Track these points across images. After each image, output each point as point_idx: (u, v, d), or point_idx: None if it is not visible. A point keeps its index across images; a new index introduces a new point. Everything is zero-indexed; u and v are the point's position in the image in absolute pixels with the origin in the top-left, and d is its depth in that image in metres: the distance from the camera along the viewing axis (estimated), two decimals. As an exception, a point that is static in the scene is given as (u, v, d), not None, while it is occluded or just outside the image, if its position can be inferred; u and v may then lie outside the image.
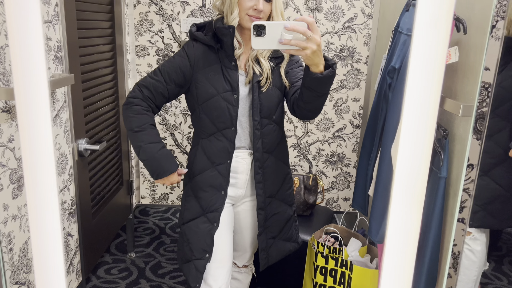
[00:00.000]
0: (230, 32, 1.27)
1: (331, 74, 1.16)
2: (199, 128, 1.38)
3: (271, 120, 1.37)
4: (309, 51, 1.09)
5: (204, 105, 1.33)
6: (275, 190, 1.45)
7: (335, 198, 2.68)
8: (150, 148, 1.32)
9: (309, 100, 1.25)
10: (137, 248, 2.63)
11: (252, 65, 1.33)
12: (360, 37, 2.42)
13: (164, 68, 1.34)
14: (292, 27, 1.07)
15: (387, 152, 1.45)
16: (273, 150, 1.41)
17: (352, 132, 2.55)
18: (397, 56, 1.45)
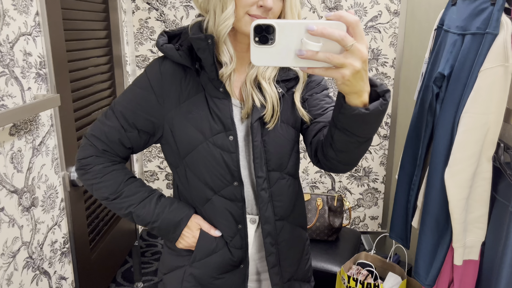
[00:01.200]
0: (208, 44, 0.83)
1: (382, 109, 0.70)
2: (189, 196, 0.96)
3: (283, 173, 0.95)
4: (348, 72, 0.62)
5: (189, 158, 0.91)
6: (293, 270, 1.03)
7: (362, 217, 2.42)
8: (144, 207, 0.94)
9: (343, 148, 0.80)
10: (145, 277, 2.40)
11: (252, 92, 0.90)
12: (386, 38, 2.16)
13: (120, 107, 0.91)
14: (322, 31, 0.60)
15: (437, 177, 1.18)
16: (288, 215, 0.98)
17: (379, 143, 2.28)
18: (446, 61, 1.19)
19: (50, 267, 1.42)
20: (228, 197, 0.92)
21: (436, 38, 1.32)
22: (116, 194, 0.92)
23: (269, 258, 0.96)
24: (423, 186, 1.28)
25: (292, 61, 0.64)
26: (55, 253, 1.45)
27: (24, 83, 1.23)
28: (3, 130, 1.14)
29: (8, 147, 1.17)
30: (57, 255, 1.46)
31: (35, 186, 1.31)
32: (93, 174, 0.92)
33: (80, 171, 0.94)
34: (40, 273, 1.35)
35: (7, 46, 1.16)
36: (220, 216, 0.94)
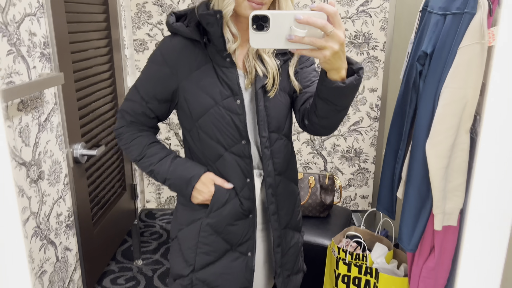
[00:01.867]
0: (217, 19, 0.95)
1: (356, 83, 0.87)
2: (201, 151, 1.08)
3: (281, 134, 1.09)
4: (328, 52, 0.79)
5: (201, 120, 1.03)
6: (288, 219, 1.18)
7: (353, 196, 2.51)
8: (162, 166, 1.08)
9: (325, 115, 0.97)
10: (144, 255, 2.49)
11: (254, 64, 1.03)
12: (376, 22, 2.23)
13: (140, 84, 1.06)
14: (307, 20, 0.76)
15: (419, 149, 1.27)
16: (284, 170, 1.13)
17: (370, 125, 2.37)
18: (429, 40, 1.27)
19: (56, 238, 1.50)
20: (237, 153, 1.06)
21: (421, 20, 1.39)
22: (141, 155, 1.09)
23: (271, 207, 1.11)
24: (407, 159, 1.37)
25: (284, 44, 0.80)
26: (61, 225, 1.53)
27: (29, 61, 1.30)
28: (12, 105, 1.21)
29: (16, 121, 1.24)
30: (62, 227, 1.54)
31: (41, 160, 1.38)
32: (124, 140, 1.10)
33: (117, 139, 1.13)
34: (47, 242, 1.43)
35: (14, 25, 1.22)
36: (231, 170, 1.07)
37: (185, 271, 1.13)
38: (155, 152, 1.09)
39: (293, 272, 1.24)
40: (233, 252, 1.12)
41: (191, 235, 1.12)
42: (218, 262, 1.12)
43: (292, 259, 1.21)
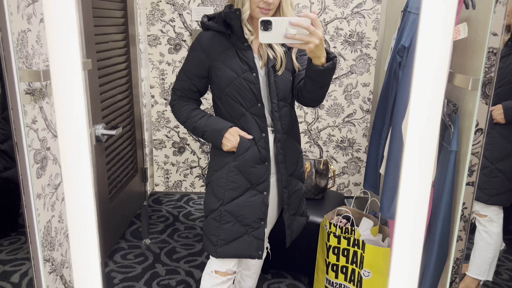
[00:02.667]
0: (237, 15, 1.33)
1: (332, 67, 1.25)
2: (228, 113, 1.44)
3: (286, 103, 1.45)
4: (312, 45, 1.17)
5: (227, 89, 1.40)
6: (293, 169, 1.52)
7: (346, 183, 2.71)
8: (201, 122, 1.43)
9: (311, 90, 1.34)
10: (152, 235, 2.69)
11: (266, 50, 1.39)
12: (369, 22, 2.43)
13: (185, 67, 1.45)
14: (296, 23, 1.16)
15: (397, 130, 1.47)
16: (290, 131, 1.48)
17: (362, 117, 2.57)
18: (407, 35, 1.47)
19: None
20: (255, 113, 1.41)
21: (402, 18, 1.60)
22: (187, 117, 1.47)
23: (279, 157, 1.46)
24: (388, 138, 1.57)
25: (282, 39, 1.21)
26: (84, 195, 1.74)
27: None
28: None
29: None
30: (85, 196, 1.75)
31: (70, 135, 1.59)
32: (176, 109, 1.50)
33: (171, 108, 1.52)
34: (73, 207, 1.64)
35: (53, 17, 1.43)
36: (251, 125, 1.42)
37: (215, 205, 1.46)
38: (196, 114, 1.46)
39: (298, 213, 1.58)
40: (252, 190, 1.46)
41: (221, 176, 1.46)
42: (241, 197, 1.45)
43: (296, 201, 1.57)
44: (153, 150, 2.74)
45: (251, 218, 1.46)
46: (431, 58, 0.32)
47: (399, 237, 0.38)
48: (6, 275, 1.48)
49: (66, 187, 0.37)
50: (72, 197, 0.37)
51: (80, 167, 0.36)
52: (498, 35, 1.11)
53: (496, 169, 1.41)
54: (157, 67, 2.56)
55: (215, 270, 1.51)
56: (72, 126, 0.35)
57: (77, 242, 0.37)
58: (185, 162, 2.75)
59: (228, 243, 1.47)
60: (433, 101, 0.33)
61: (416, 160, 0.35)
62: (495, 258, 1.51)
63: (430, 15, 0.31)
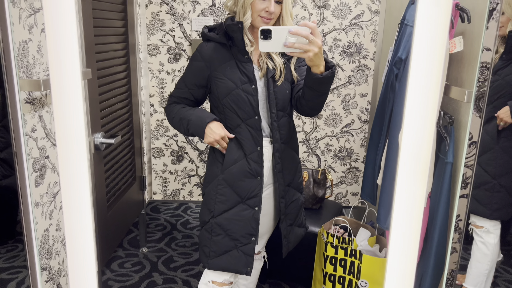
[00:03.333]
0: (239, 27, 1.34)
1: (330, 75, 1.25)
2: (224, 123, 1.45)
3: (285, 113, 1.46)
4: (311, 53, 1.18)
5: (225, 100, 1.40)
6: (291, 178, 1.53)
7: (344, 193, 2.72)
8: (187, 112, 1.45)
9: (310, 98, 1.35)
10: (149, 243, 2.68)
11: (265, 60, 1.41)
12: (367, 34, 2.46)
13: (185, 76, 1.47)
14: (296, 32, 1.17)
15: (394, 141, 1.48)
16: (288, 140, 1.49)
17: (360, 127, 2.59)
18: (403, 48, 1.49)
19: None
20: (251, 125, 1.42)
21: (399, 31, 1.62)
22: (175, 114, 1.48)
23: (277, 166, 1.47)
24: (385, 150, 1.58)
25: (281, 48, 1.21)
26: (82, 203, 1.74)
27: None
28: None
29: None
30: (83, 205, 1.75)
31: (69, 144, 1.59)
32: (168, 109, 1.52)
33: (165, 111, 1.54)
34: (71, 216, 1.64)
35: (54, 27, 1.45)
36: (245, 137, 1.42)
37: (207, 217, 1.48)
38: (183, 109, 1.48)
39: (296, 224, 1.58)
40: (243, 204, 1.45)
41: (212, 189, 1.47)
42: (231, 211, 1.45)
43: (294, 212, 1.56)
44: (152, 158, 2.75)
45: (240, 233, 1.45)
46: (425, 70, 0.32)
47: (394, 248, 0.39)
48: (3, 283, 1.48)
49: (64, 195, 0.37)
50: (70, 206, 0.37)
51: (79, 175, 0.36)
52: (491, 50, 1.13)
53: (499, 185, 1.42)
54: (156, 76, 2.58)
55: (212, 280, 1.51)
56: (72, 135, 0.36)
57: (74, 250, 0.38)
58: (183, 171, 2.76)
59: (218, 255, 1.47)
60: (427, 112, 0.34)
61: (411, 171, 0.35)
62: (492, 269, 1.51)
63: (424, 27, 0.33)
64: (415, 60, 0.32)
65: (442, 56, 0.33)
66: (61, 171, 0.36)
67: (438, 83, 0.34)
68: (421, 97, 0.33)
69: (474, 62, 1.26)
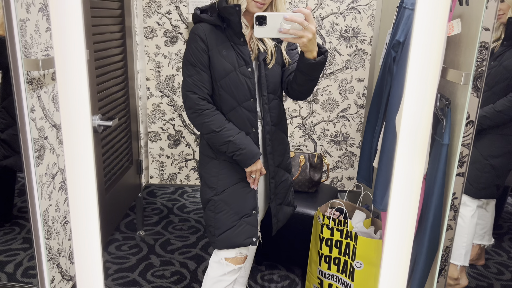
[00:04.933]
0: (236, 10, 1.33)
1: (323, 61, 1.29)
2: (219, 105, 1.44)
3: (276, 96, 1.48)
4: (305, 39, 1.21)
5: (222, 81, 1.40)
6: (280, 160, 1.56)
7: (340, 177, 2.74)
8: (239, 138, 1.40)
9: (302, 83, 1.37)
10: (146, 227, 2.70)
11: (257, 43, 1.41)
12: (365, 18, 2.46)
13: (192, 59, 1.39)
14: (290, 18, 1.19)
15: (391, 123, 1.50)
16: (278, 123, 1.51)
17: (356, 112, 2.60)
18: (401, 30, 1.50)
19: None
20: (247, 108, 1.42)
21: (397, 14, 1.62)
22: (221, 128, 1.40)
23: (268, 148, 1.50)
24: (382, 132, 1.60)
25: (276, 34, 1.24)
26: (80, 185, 1.75)
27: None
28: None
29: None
30: (81, 187, 1.76)
31: (67, 125, 1.59)
32: (205, 115, 1.39)
33: (194, 115, 1.40)
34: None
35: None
36: (242, 119, 1.43)
37: (209, 195, 1.49)
38: (232, 127, 1.41)
39: (285, 203, 1.63)
40: (243, 181, 1.50)
41: (214, 166, 1.49)
42: (233, 187, 1.49)
43: (283, 191, 1.61)
44: (148, 142, 2.75)
45: (243, 207, 1.50)
46: (424, 53, 0.33)
47: (391, 228, 0.40)
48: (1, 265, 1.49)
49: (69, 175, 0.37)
50: (75, 185, 0.37)
51: (84, 154, 0.36)
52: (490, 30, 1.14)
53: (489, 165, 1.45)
54: (153, 59, 2.57)
55: (225, 257, 1.51)
56: (77, 115, 0.36)
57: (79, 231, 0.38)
58: (180, 155, 2.77)
59: (224, 231, 1.49)
60: (426, 95, 0.35)
61: (409, 153, 0.36)
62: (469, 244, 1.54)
63: (425, 10, 0.33)
64: (415, 42, 0.33)
65: (442, 38, 0.34)
66: (66, 150, 0.36)
67: (437, 66, 0.35)
68: (420, 79, 0.34)
69: (472, 44, 1.27)
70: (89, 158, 0.37)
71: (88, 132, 0.36)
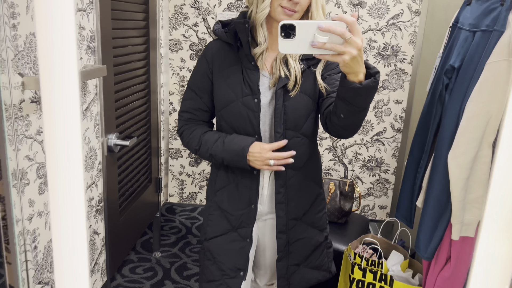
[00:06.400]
0: (245, 27, 1.09)
1: (373, 85, 0.94)
2: None
3: (298, 133, 1.18)
4: (347, 57, 0.88)
5: (223, 111, 1.19)
6: (300, 212, 1.26)
7: (371, 206, 2.54)
8: (216, 147, 1.19)
9: (344, 115, 1.03)
10: (163, 247, 2.57)
11: (280, 66, 1.15)
12: (406, 35, 2.26)
13: (192, 82, 1.24)
14: (328, 28, 0.87)
15: (441, 160, 1.30)
16: (300, 167, 1.22)
17: (393, 136, 2.40)
18: (457, 54, 1.31)
19: (87, 220, 1.58)
20: None
21: (450, 35, 1.43)
22: (199, 144, 1.22)
23: (277, 196, 1.22)
24: (429, 169, 1.40)
25: (308, 49, 0.91)
26: (92, 209, 1.62)
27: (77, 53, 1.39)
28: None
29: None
30: (92, 211, 1.63)
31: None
32: (185, 137, 1.26)
33: (180, 138, 1.28)
34: (79, 224, 1.52)
35: (67, 19, 1.32)
36: None
37: (202, 237, 1.34)
38: (208, 138, 1.21)
39: (305, 265, 1.32)
40: (233, 232, 1.27)
41: (205, 209, 1.33)
42: (221, 237, 1.28)
43: (301, 251, 1.29)
44: (169, 159, 2.62)
45: (228, 264, 1.27)
46: None
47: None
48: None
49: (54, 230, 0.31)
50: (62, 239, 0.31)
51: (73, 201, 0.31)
52: None
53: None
54: (177, 73, 2.44)
55: None
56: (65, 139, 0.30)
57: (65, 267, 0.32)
58: (201, 174, 2.62)
59: (206, 282, 1.31)
60: None
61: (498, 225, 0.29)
62: None
63: None
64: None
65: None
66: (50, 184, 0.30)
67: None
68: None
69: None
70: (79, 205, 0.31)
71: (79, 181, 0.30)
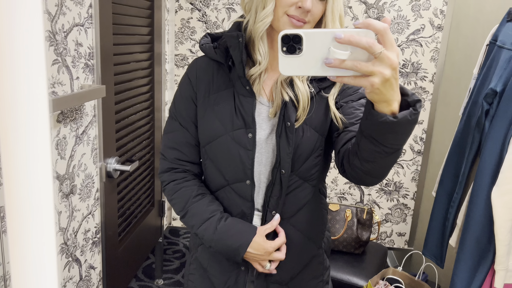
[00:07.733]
0: (239, 42, 0.85)
1: (412, 119, 0.64)
2: (206, 178, 0.98)
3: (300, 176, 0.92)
4: (377, 80, 0.59)
5: (208, 147, 0.92)
6: (286, 276, 0.98)
7: (389, 233, 2.37)
8: (205, 230, 0.92)
9: (369, 158, 0.73)
10: (166, 274, 2.41)
11: (282, 90, 0.88)
12: (427, 52, 2.12)
13: (174, 110, 0.97)
14: (349, 38, 0.58)
15: (481, 196, 1.15)
16: (291, 216, 0.94)
17: (413, 159, 2.24)
18: (498, 77, 1.16)
19: (82, 255, 1.43)
20: (238, 193, 0.92)
21: (488, 54, 1.29)
22: (184, 211, 0.94)
23: None
24: (465, 204, 1.25)
25: (320, 69, 0.61)
26: (87, 242, 1.47)
27: (73, 72, 1.26)
28: (52, 116, 1.17)
29: (55, 133, 1.19)
30: (88, 244, 1.48)
31: (74, 174, 1.33)
32: (168, 191, 0.97)
33: (162, 188, 1.00)
34: (72, 260, 1.37)
35: (62, 35, 1.19)
36: (230, 206, 0.94)
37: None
38: (197, 210, 0.93)
39: None
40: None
41: (186, 267, 1.08)
42: None
43: None
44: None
45: None
46: None
47: None
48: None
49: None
50: None
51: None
52: None
53: None
54: (183, 90, 2.31)
55: None
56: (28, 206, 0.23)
57: None
58: (207, 196, 2.47)
59: None
60: None
61: None
62: None
63: None
64: None
65: None
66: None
67: None
68: None
69: None
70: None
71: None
